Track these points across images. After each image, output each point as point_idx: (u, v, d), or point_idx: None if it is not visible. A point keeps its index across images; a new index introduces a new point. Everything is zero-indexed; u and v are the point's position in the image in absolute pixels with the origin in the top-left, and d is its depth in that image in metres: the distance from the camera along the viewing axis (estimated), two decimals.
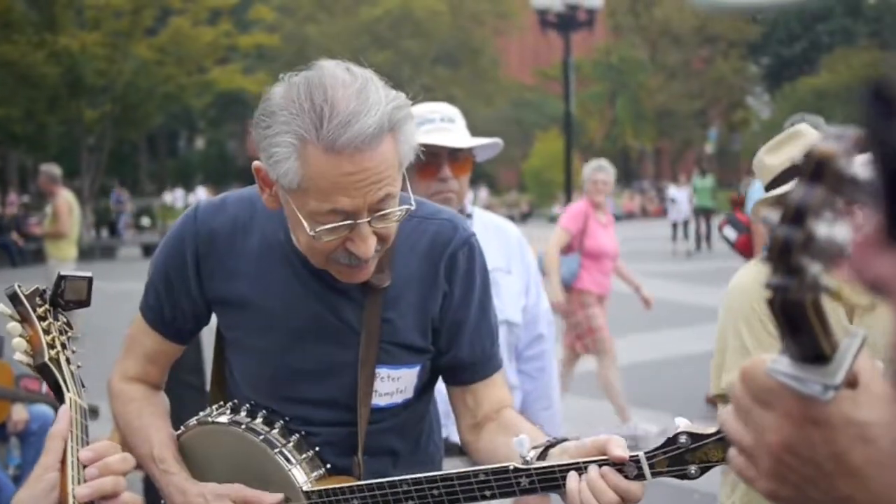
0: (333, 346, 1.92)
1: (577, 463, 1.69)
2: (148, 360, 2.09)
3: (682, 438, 1.65)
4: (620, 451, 1.66)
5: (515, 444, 1.76)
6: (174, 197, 40.80)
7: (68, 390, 1.60)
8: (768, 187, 2.81)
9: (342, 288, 1.90)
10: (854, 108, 0.70)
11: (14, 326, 1.66)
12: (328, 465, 1.94)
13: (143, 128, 35.12)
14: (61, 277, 1.70)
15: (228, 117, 52.64)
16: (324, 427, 1.96)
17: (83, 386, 1.64)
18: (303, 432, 1.95)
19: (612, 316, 8.22)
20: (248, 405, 2.00)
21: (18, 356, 1.64)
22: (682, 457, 1.66)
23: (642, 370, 10.13)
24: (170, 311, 2.02)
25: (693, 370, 9.67)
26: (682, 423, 1.67)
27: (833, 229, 0.73)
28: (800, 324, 0.77)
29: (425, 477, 1.80)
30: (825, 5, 52.62)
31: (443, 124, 3.00)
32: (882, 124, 0.68)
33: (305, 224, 1.73)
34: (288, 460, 1.91)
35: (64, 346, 1.68)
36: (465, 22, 46.60)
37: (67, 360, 1.66)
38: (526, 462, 1.74)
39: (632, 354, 10.71)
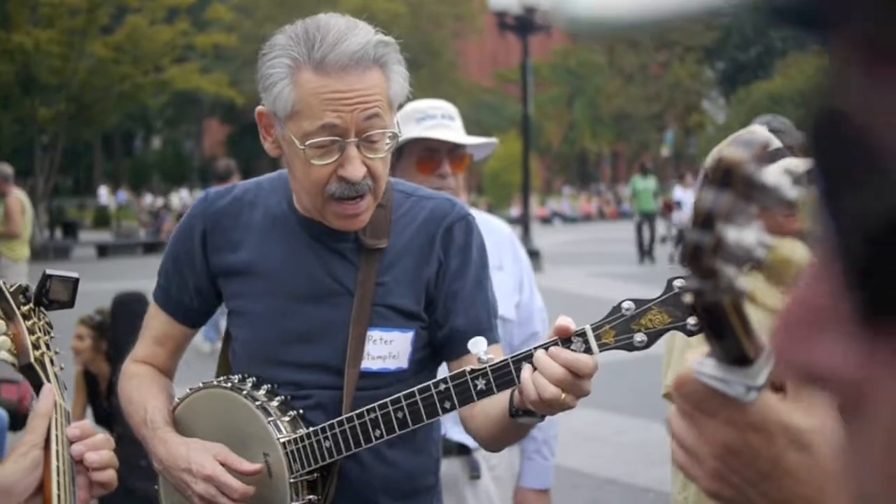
0: (328, 307, 1.98)
1: (528, 351, 1.72)
2: (156, 342, 2.17)
3: (626, 304, 1.67)
4: (565, 323, 1.69)
5: (470, 346, 1.78)
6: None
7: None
8: None
9: (340, 251, 1.99)
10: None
11: None
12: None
13: (98, 127, 34.69)
14: (47, 276, 1.62)
15: (185, 117, 52.24)
16: (314, 390, 1.98)
17: (65, 388, 1.60)
18: (288, 396, 1.99)
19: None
20: (241, 374, 2.05)
21: (3, 355, 1.56)
22: (628, 325, 1.67)
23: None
24: (177, 290, 2.12)
25: (643, 373, 9.72)
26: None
27: (742, 234, 0.74)
28: (721, 326, 0.79)
29: (390, 400, 1.85)
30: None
31: (444, 121, 3.07)
32: None
33: (298, 143, 1.83)
34: (268, 414, 1.94)
35: (48, 347, 1.62)
36: (425, 24, 46.53)
37: (51, 361, 1.60)
38: (481, 362, 1.77)
39: None
